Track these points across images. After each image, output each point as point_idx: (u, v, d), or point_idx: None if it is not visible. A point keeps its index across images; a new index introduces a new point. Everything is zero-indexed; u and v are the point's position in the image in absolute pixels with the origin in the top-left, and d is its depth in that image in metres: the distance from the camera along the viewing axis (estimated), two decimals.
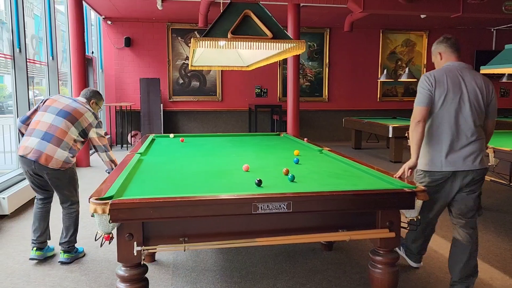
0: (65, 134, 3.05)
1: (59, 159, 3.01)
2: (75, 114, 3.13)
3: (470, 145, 2.57)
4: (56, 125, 3.04)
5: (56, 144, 3.01)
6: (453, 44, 2.74)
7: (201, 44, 2.47)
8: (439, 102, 2.57)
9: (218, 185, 2.38)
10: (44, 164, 2.97)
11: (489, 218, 4.34)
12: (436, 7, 7.10)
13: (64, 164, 3.05)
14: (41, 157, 2.96)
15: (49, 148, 2.98)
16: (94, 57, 9.22)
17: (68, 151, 3.06)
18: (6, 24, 5.31)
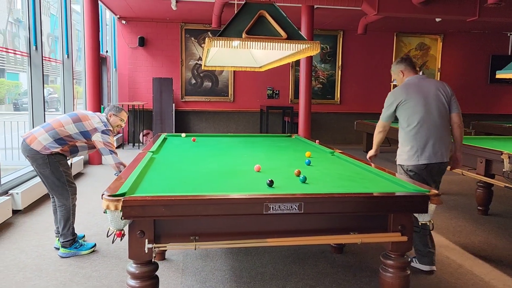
0: (60, 126, 3.26)
1: (41, 142, 3.18)
2: (81, 117, 3.36)
3: (441, 141, 3.11)
4: (59, 118, 3.34)
5: (46, 130, 3.23)
6: (411, 62, 3.30)
7: (215, 43, 2.47)
8: (408, 109, 3.11)
9: (230, 184, 2.39)
10: (28, 143, 3.18)
11: (503, 224, 4.27)
12: (451, 10, 7.01)
13: (44, 148, 3.18)
14: (29, 137, 3.21)
15: (39, 132, 3.23)
16: (108, 56, 9.31)
17: (53, 140, 3.20)
18: (23, 22, 5.39)
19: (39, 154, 3.19)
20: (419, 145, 3.09)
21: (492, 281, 2.97)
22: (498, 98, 11.32)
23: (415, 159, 3.09)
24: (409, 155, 3.12)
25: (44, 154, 3.19)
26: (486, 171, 4.24)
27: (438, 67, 10.94)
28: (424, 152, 3.08)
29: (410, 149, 3.12)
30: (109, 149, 3.33)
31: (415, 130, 3.10)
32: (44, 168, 3.23)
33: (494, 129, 8.62)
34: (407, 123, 3.14)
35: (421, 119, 3.08)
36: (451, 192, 5.63)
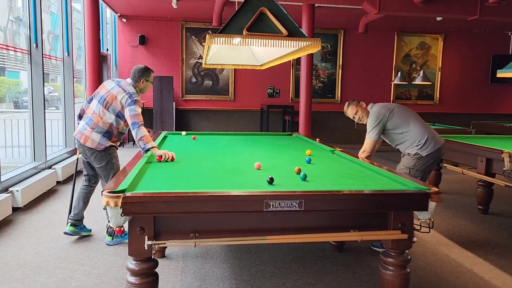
0: (100, 119, 3.45)
1: (94, 140, 3.44)
2: (109, 100, 3.43)
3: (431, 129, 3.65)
4: (96, 111, 3.47)
5: (92, 127, 3.45)
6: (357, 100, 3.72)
7: (216, 40, 2.47)
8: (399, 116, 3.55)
9: (230, 182, 2.38)
10: (83, 143, 3.46)
11: (503, 224, 4.27)
12: (452, 9, 7.00)
13: (99, 145, 3.45)
14: (82, 136, 3.48)
15: (87, 131, 3.46)
16: (108, 55, 9.31)
17: (101, 135, 3.45)
18: (24, 21, 5.38)
19: (96, 151, 3.46)
20: (429, 136, 3.48)
21: (492, 280, 2.97)
22: (498, 97, 11.31)
23: (432, 147, 3.46)
24: (428, 145, 3.46)
25: (100, 150, 3.45)
26: (487, 170, 4.23)
27: (438, 67, 10.93)
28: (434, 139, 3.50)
29: (426, 140, 3.46)
30: (138, 121, 3.30)
31: (415, 127, 3.51)
32: (100, 162, 3.50)
33: (495, 128, 8.61)
34: (407, 124, 3.52)
35: (414, 117, 3.59)
36: (451, 191, 5.63)
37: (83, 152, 3.55)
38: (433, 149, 3.45)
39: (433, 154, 3.46)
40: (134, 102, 3.36)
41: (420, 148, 3.46)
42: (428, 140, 3.46)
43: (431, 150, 3.45)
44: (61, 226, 3.88)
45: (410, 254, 2.26)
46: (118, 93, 3.41)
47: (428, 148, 3.45)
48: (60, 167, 5.57)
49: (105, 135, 3.45)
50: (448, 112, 11.04)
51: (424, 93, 11.00)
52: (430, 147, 3.45)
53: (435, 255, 3.40)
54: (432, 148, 3.45)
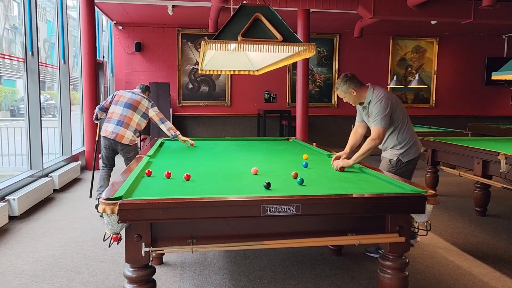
0: (131, 120, 4.43)
1: (128, 137, 4.41)
2: (136, 104, 4.49)
3: None
4: (125, 114, 4.42)
5: (126, 127, 4.40)
6: (356, 78, 3.30)
7: (211, 46, 2.47)
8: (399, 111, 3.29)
9: (227, 187, 2.38)
10: (119, 141, 4.37)
11: (501, 225, 4.28)
12: (447, 13, 7.05)
13: (131, 141, 4.44)
14: (117, 136, 4.36)
15: (122, 130, 4.38)
16: (105, 62, 9.31)
17: (133, 132, 4.43)
18: (19, 29, 5.38)
19: (128, 146, 4.44)
20: (415, 140, 3.38)
21: (491, 282, 2.97)
22: (494, 99, 11.37)
23: (414, 153, 3.34)
24: (411, 150, 3.33)
25: (131, 145, 4.46)
26: (483, 172, 4.24)
27: (434, 70, 10.99)
28: (416, 146, 3.38)
29: (412, 145, 3.33)
30: (162, 118, 4.54)
31: (408, 127, 3.34)
32: (130, 154, 4.48)
33: (491, 130, 8.65)
34: (402, 123, 3.31)
35: (407, 117, 3.38)
36: (449, 194, 5.63)
37: (113, 148, 4.47)
38: (415, 155, 3.34)
39: (413, 160, 3.34)
40: (154, 105, 4.58)
41: (403, 152, 3.29)
42: (414, 145, 3.33)
43: (412, 156, 3.32)
44: (58, 234, 3.86)
45: (408, 257, 2.26)
46: (140, 99, 4.53)
47: (410, 154, 3.30)
48: (57, 175, 5.55)
49: (134, 133, 4.45)
50: (444, 114, 11.08)
51: (420, 96, 11.05)
52: (413, 152, 3.32)
53: (433, 258, 3.39)
54: (414, 154, 3.33)
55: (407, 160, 3.31)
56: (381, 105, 3.16)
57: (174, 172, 2.65)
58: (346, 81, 3.26)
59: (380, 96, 3.19)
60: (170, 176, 2.52)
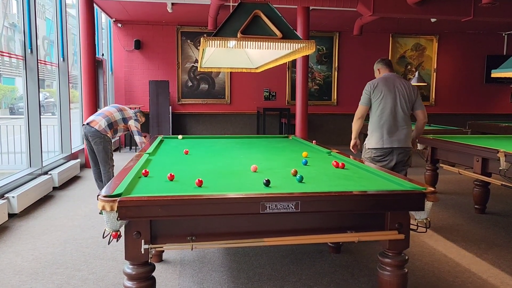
0: (111, 114, 4.88)
1: (101, 125, 4.75)
2: (122, 108, 5.03)
3: (403, 130, 3.73)
4: (108, 109, 4.96)
5: (103, 116, 4.84)
6: (387, 63, 3.98)
7: (210, 43, 2.47)
8: (379, 100, 3.71)
9: (226, 185, 2.38)
10: (92, 125, 4.73)
11: (500, 223, 4.28)
12: (446, 10, 7.04)
13: (103, 130, 4.74)
14: (91, 121, 4.80)
15: (98, 118, 4.84)
16: (104, 59, 9.30)
17: (107, 124, 4.78)
18: (18, 26, 5.37)
19: (99, 134, 4.73)
20: (385, 132, 3.71)
21: (490, 279, 2.97)
22: (494, 97, 11.37)
23: (381, 143, 3.72)
24: (376, 140, 3.74)
25: (102, 134, 4.73)
26: (483, 170, 4.24)
27: (434, 68, 10.98)
28: (389, 138, 3.70)
29: (378, 136, 3.73)
30: (137, 131, 4.99)
31: (384, 119, 3.72)
32: (99, 145, 4.77)
33: (490, 128, 8.65)
34: (377, 113, 3.75)
35: (389, 110, 3.72)
36: (448, 191, 5.64)
37: (87, 138, 4.79)
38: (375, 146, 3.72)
39: (374, 150, 3.73)
40: (138, 120, 5.07)
41: (368, 138, 3.81)
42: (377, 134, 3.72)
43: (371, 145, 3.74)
44: (57, 232, 3.86)
45: (407, 255, 2.26)
46: (128, 110, 5.09)
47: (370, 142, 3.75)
48: (56, 172, 5.54)
49: (109, 126, 4.80)
50: (444, 112, 11.08)
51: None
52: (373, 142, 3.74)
53: (432, 255, 3.40)
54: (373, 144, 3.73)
55: (368, 147, 3.83)
56: (365, 86, 3.85)
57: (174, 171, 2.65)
58: (378, 61, 4.07)
59: (367, 84, 3.86)
60: (173, 178, 2.41)
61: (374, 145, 3.76)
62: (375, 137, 3.76)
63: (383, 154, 3.75)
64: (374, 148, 3.76)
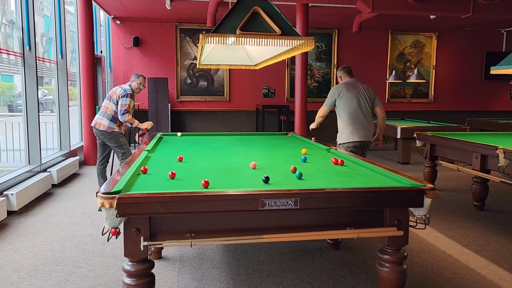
0: (107, 108, 4.84)
1: (105, 124, 4.80)
2: (111, 94, 4.86)
3: (366, 126, 4.32)
4: (104, 105, 4.87)
5: (102, 115, 4.83)
6: (347, 70, 4.50)
7: (209, 40, 2.46)
8: (345, 102, 4.28)
9: (225, 181, 2.38)
10: (97, 127, 4.83)
11: (499, 219, 4.29)
12: (446, 7, 7.03)
13: (108, 128, 4.80)
14: (96, 123, 4.85)
15: (99, 118, 4.84)
16: (102, 57, 9.28)
17: (109, 120, 4.80)
18: (17, 23, 5.35)
19: (106, 132, 4.81)
20: (354, 129, 4.27)
21: (488, 275, 2.98)
22: (493, 94, 11.37)
23: (351, 137, 4.27)
24: (347, 135, 4.30)
25: (109, 132, 4.81)
26: (482, 167, 4.25)
27: (433, 65, 10.97)
28: (357, 133, 4.26)
29: (349, 132, 4.29)
30: (123, 109, 4.72)
31: (351, 118, 4.26)
32: (111, 141, 4.86)
33: (489, 125, 8.67)
34: (345, 113, 4.29)
35: (354, 110, 4.26)
36: (447, 188, 5.65)
37: (99, 136, 4.89)
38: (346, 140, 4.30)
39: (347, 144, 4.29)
40: (126, 95, 4.77)
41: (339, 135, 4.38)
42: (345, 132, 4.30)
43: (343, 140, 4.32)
44: (57, 229, 3.86)
45: (406, 251, 2.26)
46: (116, 89, 4.86)
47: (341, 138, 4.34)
48: (55, 170, 5.54)
49: (112, 120, 4.79)
50: (443, 109, 11.08)
51: (418, 91, 11.04)
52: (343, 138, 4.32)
53: (431, 252, 3.41)
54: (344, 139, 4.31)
55: (339, 143, 4.38)
56: (330, 91, 4.41)
57: (174, 167, 2.65)
58: (340, 69, 4.54)
59: (332, 89, 4.43)
60: (175, 176, 2.39)
61: (345, 139, 4.31)
62: (346, 132, 4.30)
63: (354, 146, 4.28)
64: (345, 143, 4.31)
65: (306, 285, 2.80)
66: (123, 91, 4.77)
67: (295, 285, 2.79)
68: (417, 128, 7.05)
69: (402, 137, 7.30)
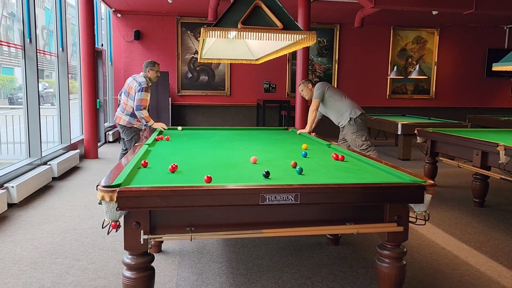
0: (126, 105, 4.95)
1: (125, 119, 4.95)
2: (129, 90, 4.93)
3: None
4: (124, 101, 4.99)
5: (123, 111, 4.97)
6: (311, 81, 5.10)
7: (211, 34, 2.45)
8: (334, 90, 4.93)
9: (226, 176, 2.38)
10: (118, 122, 5.00)
11: (499, 216, 4.29)
12: (448, 3, 7.00)
13: (128, 123, 4.94)
14: (117, 118, 5.04)
15: (120, 113, 4.99)
16: (103, 50, 9.25)
17: (129, 116, 4.92)
18: (17, 15, 5.33)
19: (125, 127, 4.96)
20: (354, 105, 4.81)
21: (487, 272, 2.98)
22: (494, 91, 11.35)
23: (358, 110, 4.76)
24: (352, 110, 4.75)
25: (129, 127, 4.95)
26: (482, 163, 4.24)
27: (434, 61, 10.94)
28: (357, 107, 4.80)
29: (352, 107, 4.76)
30: (140, 105, 4.75)
31: (344, 99, 4.84)
32: (128, 136, 4.99)
33: (490, 122, 8.65)
34: (338, 97, 4.85)
35: (341, 94, 4.92)
36: (447, 185, 5.65)
37: (119, 129, 5.07)
38: (358, 112, 4.73)
39: (361, 115, 4.72)
40: (142, 89, 4.75)
41: (350, 112, 4.73)
42: (353, 108, 4.77)
43: (357, 113, 4.72)
44: (57, 222, 3.87)
45: (406, 247, 2.27)
46: (132, 84, 4.86)
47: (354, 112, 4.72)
48: (56, 163, 5.54)
49: (132, 116, 4.91)
50: (444, 106, 11.07)
51: (420, 87, 11.02)
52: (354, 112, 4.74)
53: (431, 248, 3.41)
54: (357, 113, 4.73)
55: (355, 117, 4.71)
56: (316, 89, 4.85)
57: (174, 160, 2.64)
58: (306, 80, 5.08)
59: (316, 86, 4.90)
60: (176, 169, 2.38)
61: (359, 111, 4.76)
62: (355, 107, 4.78)
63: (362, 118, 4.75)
64: (361, 113, 4.75)
65: (306, 280, 2.80)
66: (138, 85, 4.73)
67: (295, 280, 2.80)
68: (418, 125, 7.04)
69: (402, 133, 7.29)
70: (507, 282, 2.83)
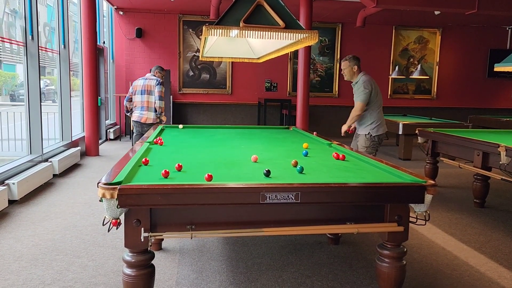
0: (148, 102, 5.40)
1: (151, 117, 5.40)
2: (148, 88, 5.42)
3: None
4: (144, 100, 5.40)
5: (147, 110, 5.40)
6: (360, 60, 4.63)
7: (212, 32, 2.45)
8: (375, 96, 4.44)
9: (226, 174, 2.38)
10: (144, 122, 5.39)
11: (499, 217, 4.29)
12: (450, 3, 6.98)
13: (154, 120, 5.39)
14: (142, 118, 5.39)
15: (145, 113, 5.39)
16: (105, 47, 9.25)
17: (153, 112, 5.40)
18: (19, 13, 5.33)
19: (152, 124, 5.27)
20: (382, 121, 4.48)
21: (487, 272, 2.98)
22: (496, 92, 11.33)
23: (382, 130, 4.46)
24: (384, 128, 4.49)
25: (154, 124, 5.28)
26: (483, 164, 4.24)
27: (436, 61, 10.93)
28: (383, 125, 4.50)
29: (379, 124, 4.44)
30: (160, 95, 5.37)
31: (379, 110, 4.46)
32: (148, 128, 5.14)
33: (492, 123, 8.65)
34: (377, 105, 4.44)
35: (380, 103, 4.49)
36: (448, 185, 5.65)
37: (141, 127, 5.41)
38: (382, 132, 4.47)
39: (381, 136, 4.47)
40: (160, 83, 5.44)
41: (374, 128, 4.41)
42: (381, 124, 4.45)
43: (380, 132, 4.44)
44: (57, 219, 3.88)
45: (406, 247, 2.27)
46: (150, 83, 5.41)
47: (379, 130, 4.43)
48: (57, 160, 5.55)
49: (155, 111, 5.37)
50: (445, 106, 11.05)
51: (421, 87, 11.01)
52: (381, 130, 4.44)
53: (431, 248, 3.41)
54: (381, 131, 4.46)
55: (375, 135, 4.44)
56: (364, 86, 4.35)
57: (175, 158, 2.65)
58: (355, 59, 4.60)
59: (365, 80, 4.40)
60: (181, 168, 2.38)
61: (382, 131, 4.49)
62: (383, 125, 4.48)
63: (380, 139, 4.53)
64: (382, 134, 4.50)
65: (305, 279, 2.81)
66: (157, 81, 5.39)
67: (294, 279, 2.80)
68: (419, 125, 7.04)
69: (404, 133, 7.29)
70: (507, 283, 2.83)
